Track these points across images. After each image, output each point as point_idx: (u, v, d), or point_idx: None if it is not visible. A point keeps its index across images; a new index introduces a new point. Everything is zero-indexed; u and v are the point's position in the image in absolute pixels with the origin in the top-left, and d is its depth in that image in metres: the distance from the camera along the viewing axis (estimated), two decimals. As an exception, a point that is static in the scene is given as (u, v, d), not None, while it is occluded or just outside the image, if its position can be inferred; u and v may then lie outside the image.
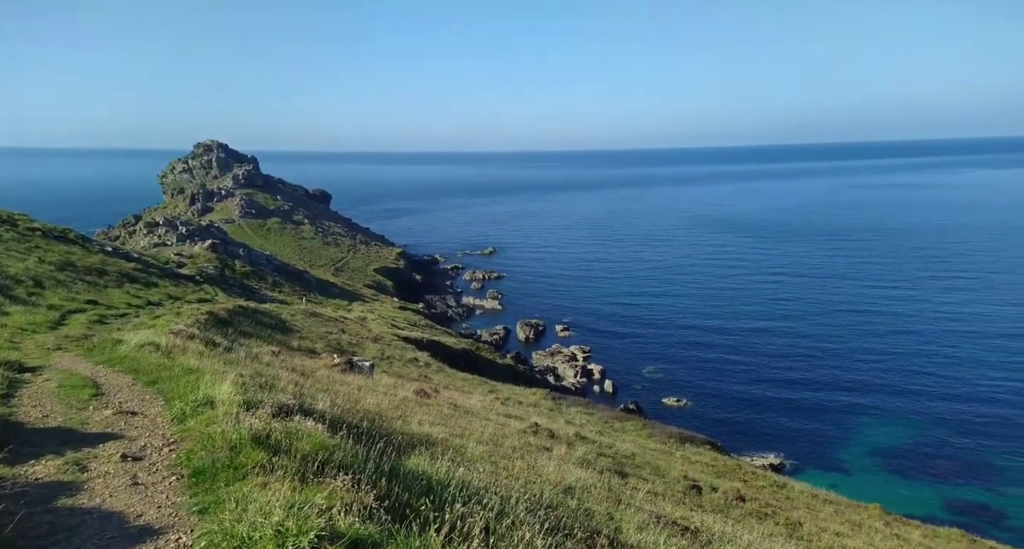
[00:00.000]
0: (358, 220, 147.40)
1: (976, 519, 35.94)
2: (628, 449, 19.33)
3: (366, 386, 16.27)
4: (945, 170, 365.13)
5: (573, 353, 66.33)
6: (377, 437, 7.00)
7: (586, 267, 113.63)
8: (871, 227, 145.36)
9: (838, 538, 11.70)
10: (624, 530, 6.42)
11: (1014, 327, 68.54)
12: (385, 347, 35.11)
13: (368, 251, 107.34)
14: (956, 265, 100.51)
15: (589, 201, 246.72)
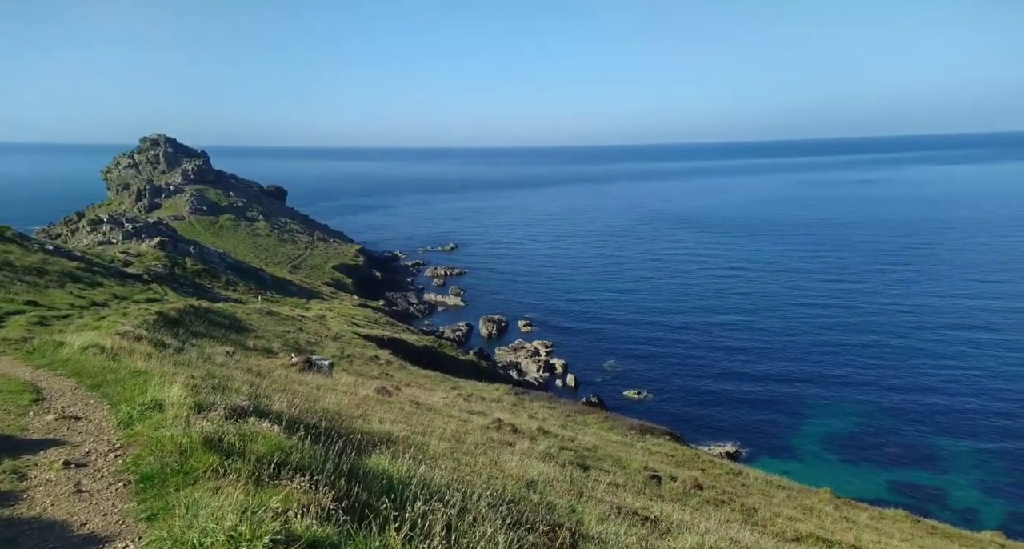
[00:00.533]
0: (316, 216, 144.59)
1: (919, 500, 37.75)
2: (590, 442, 19.55)
3: (325, 385, 15.98)
4: (893, 166, 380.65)
5: (536, 348, 66.68)
6: (336, 437, 6.87)
7: (548, 263, 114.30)
8: (822, 222, 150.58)
9: (791, 522, 12.11)
10: (586, 522, 6.47)
11: (956, 318, 72.10)
12: (345, 345, 34.56)
13: (327, 248, 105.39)
14: (902, 258, 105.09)
15: (551, 197, 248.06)
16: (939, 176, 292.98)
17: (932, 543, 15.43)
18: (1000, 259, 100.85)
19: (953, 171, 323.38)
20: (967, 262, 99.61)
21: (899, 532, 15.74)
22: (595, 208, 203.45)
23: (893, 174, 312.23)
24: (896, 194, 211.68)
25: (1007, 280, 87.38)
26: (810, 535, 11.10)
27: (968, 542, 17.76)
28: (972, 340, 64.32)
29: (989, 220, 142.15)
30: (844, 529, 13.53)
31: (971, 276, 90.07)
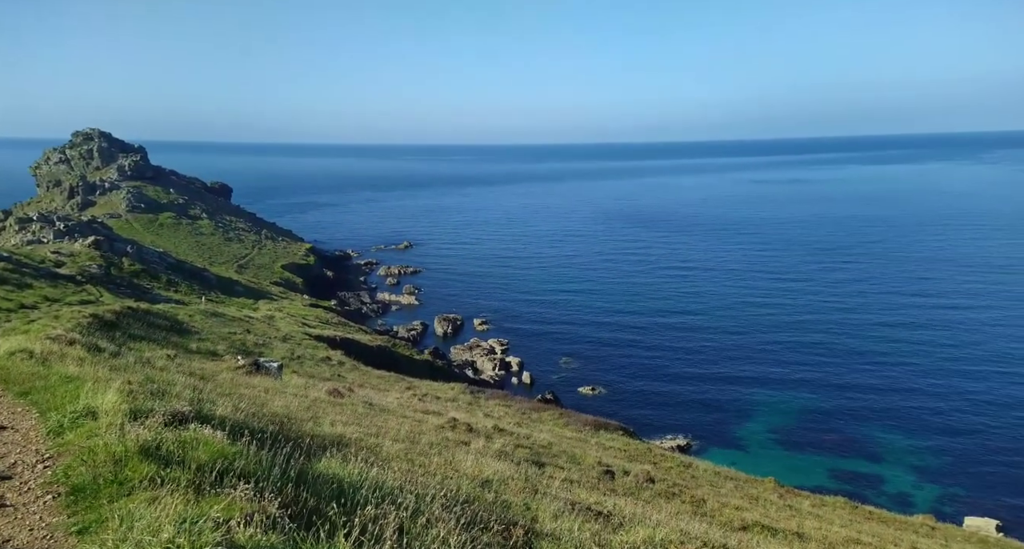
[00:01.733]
0: (263, 214, 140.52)
1: (858, 487, 39.62)
2: (545, 439, 19.66)
3: (274, 388, 15.52)
4: (835, 166, 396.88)
5: (491, 346, 66.68)
6: (284, 441, 6.66)
7: (504, 261, 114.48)
8: (765, 220, 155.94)
9: (738, 512, 12.50)
10: (540, 519, 6.48)
11: (892, 316, 75.87)
12: (295, 346, 33.70)
13: (275, 247, 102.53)
14: (841, 257, 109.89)
15: (505, 195, 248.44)
16: (874, 175, 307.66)
17: (869, 528, 16.20)
18: (932, 257, 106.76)
19: (888, 171, 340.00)
20: (901, 261, 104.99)
21: (839, 518, 16.46)
22: (550, 206, 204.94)
23: (834, 174, 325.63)
24: (834, 193, 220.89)
25: (938, 278, 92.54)
26: (756, 523, 11.48)
27: (902, 526, 18.73)
28: (906, 337, 67.79)
29: (918, 219, 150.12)
30: (788, 517, 14.04)
31: (905, 274, 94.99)
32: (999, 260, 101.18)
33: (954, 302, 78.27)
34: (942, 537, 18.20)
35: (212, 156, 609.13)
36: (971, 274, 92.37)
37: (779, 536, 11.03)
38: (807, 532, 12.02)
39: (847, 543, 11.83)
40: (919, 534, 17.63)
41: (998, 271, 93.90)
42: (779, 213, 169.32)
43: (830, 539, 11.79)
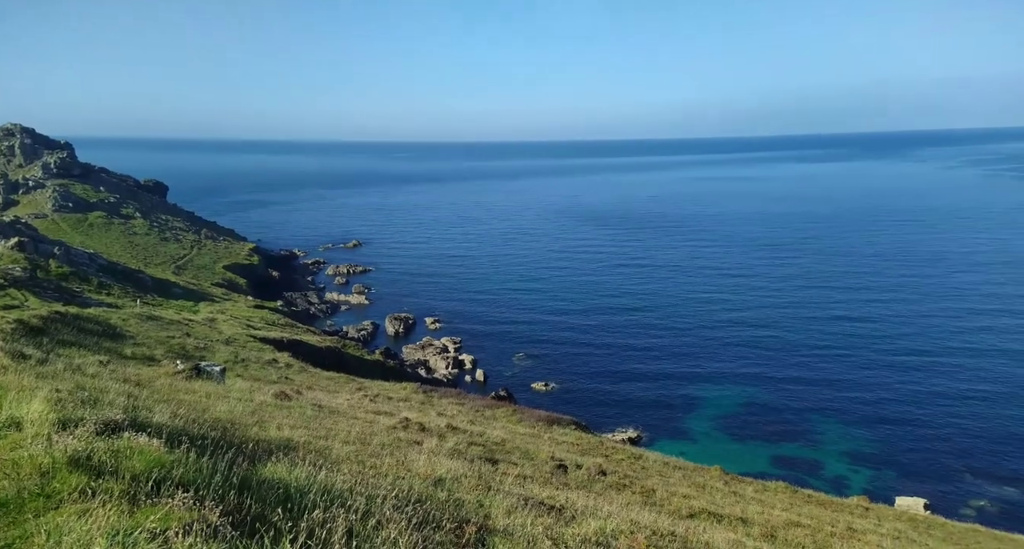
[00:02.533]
0: (202, 213, 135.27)
1: (797, 472, 41.39)
2: (499, 436, 19.69)
3: (216, 393, 14.96)
4: (768, 164, 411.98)
5: (444, 345, 66.30)
6: (227, 447, 6.43)
7: (456, 259, 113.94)
8: (708, 216, 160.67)
9: (685, 500, 12.86)
10: (493, 516, 6.49)
11: (829, 309, 79.49)
12: (239, 349, 32.60)
13: (216, 247, 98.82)
14: (782, 252, 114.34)
15: (457, 193, 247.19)
16: (812, 173, 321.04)
17: (808, 510, 16.96)
18: (864, 252, 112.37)
19: (824, 168, 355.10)
20: (836, 256, 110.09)
21: (780, 502, 17.17)
22: (501, 204, 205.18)
23: (764, 171, 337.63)
24: (773, 190, 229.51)
25: (870, 272, 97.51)
26: (702, 511, 11.84)
27: (838, 507, 19.70)
28: (841, 330, 71.09)
29: (851, 216, 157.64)
30: (732, 503, 14.54)
31: (839, 270, 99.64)
32: (925, 255, 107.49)
33: (886, 296, 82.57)
34: (875, 517, 19.22)
35: (146, 153, 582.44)
36: (900, 268, 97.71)
37: (724, 522, 11.41)
38: (751, 517, 12.48)
39: (788, 526, 12.35)
40: (854, 515, 18.58)
41: (925, 265, 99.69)
42: (723, 210, 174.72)
43: (772, 523, 12.29)
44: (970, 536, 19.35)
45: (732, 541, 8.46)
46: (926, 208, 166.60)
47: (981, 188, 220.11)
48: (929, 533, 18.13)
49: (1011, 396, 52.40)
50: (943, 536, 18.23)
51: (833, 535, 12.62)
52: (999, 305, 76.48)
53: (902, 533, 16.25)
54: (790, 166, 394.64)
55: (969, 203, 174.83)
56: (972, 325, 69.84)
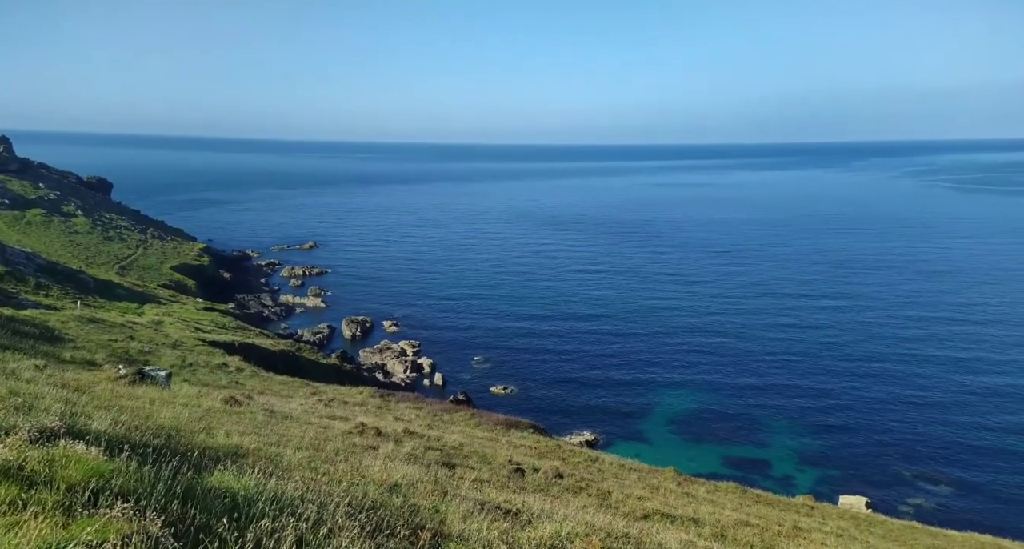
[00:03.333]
0: (149, 212, 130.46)
1: (747, 472, 42.53)
2: (456, 440, 19.57)
3: (161, 398, 14.39)
4: (718, 171, 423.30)
5: (402, 348, 65.59)
6: (171, 455, 6.19)
7: (415, 261, 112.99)
8: (664, 222, 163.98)
9: (640, 502, 13.06)
10: (449, 521, 6.44)
11: (779, 315, 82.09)
12: (187, 353, 31.48)
13: (163, 247, 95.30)
14: (735, 258, 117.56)
15: (417, 194, 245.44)
16: (760, 181, 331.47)
17: (757, 510, 17.44)
18: (811, 259, 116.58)
19: (770, 177, 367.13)
20: (784, 262, 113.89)
21: (730, 502, 17.61)
22: (461, 206, 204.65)
23: (715, 178, 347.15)
24: (729, 197, 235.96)
25: (816, 278, 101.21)
26: (656, 512, 12.04)
27: (785, 507, 20.33)
28: (791, 336, 73.52)
29: (800, 223, 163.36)
30: (685, 504, 14.84)
31: (788, 276, 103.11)
32: (869, 263, 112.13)
33: (832, 303, 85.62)
34: (820, 515, 19.92)
35: (89, 149, 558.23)
36: (847, 276, 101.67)
37: (677, 522, 11.63)
38: (702, 517, 12.76)
39: (737, 525, 12.68)
40: (800, 514, 19.21)
41: (870, 273, 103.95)
42: (678, 216, 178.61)
43: (722, 523, 12.59)
44: (908, 533, 20.26)
45: (684, 541, 8.63)
46: (869, 217, 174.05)
47: (920, 198, 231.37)
48: (870, 531, 18.89)
49: (948, 401, 55.09)
50: (883, 533, 19.03)
51: (780, 534, 13.02)
52: (940, 313, 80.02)
53: (845, 531, 16.89)
54: (743, 174, 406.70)
55: (910, 213, 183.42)
56: (914, 333, 72.98)
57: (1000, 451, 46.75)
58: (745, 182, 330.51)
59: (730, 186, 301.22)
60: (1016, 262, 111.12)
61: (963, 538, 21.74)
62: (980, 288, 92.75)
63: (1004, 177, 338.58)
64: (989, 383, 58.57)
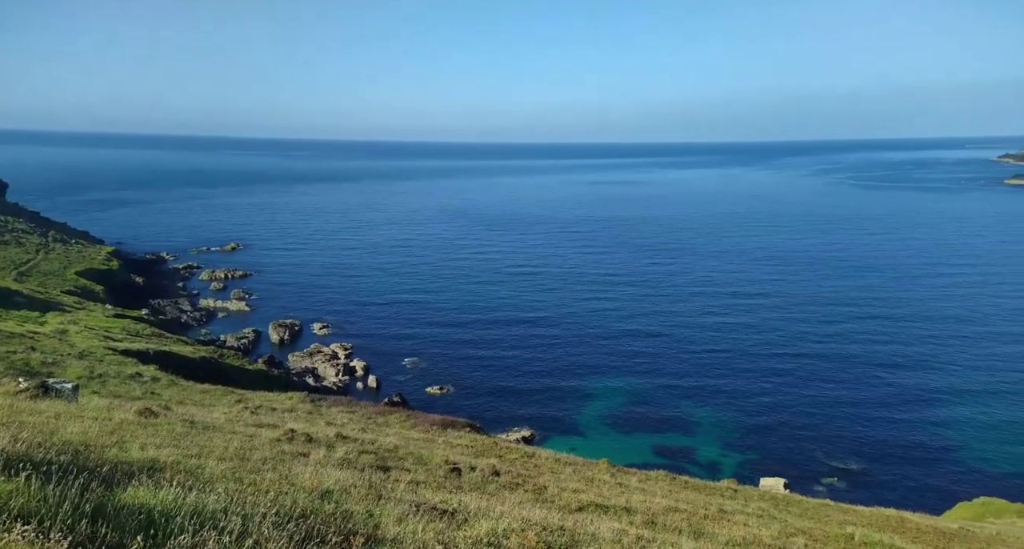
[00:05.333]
0: (50, 213, 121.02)
1: (676, 460, 44.23)
2: (392, 442, 19.26)
3: (68, 413, 13.36)
4: (649, 170, 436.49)
5: (334, 351, 63.91)
6: (79, 472, 5.77)
7: (345, 262, 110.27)
8: (599, 220, 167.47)
9: (575, 494, 13.32)
10: (383, 525, 6.34)
11: (703, 307, 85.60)
12: (96, 363, 29.42)
13: (67, 251, 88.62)
14: (661, 253, 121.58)
15: (343, 193, 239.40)
16: (677, 178, 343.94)
17: (685, 496, 18.17)
18: (731, 252, 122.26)
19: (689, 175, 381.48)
20: (707, 256, 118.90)
21: (661, 490, 18.25)
22: (392, 205, 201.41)
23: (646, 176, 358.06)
24: (655, 194, 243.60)
25: (738, 271, 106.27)
26: (590, 503, 12.32)
27: (711, 491, 21.28)
28: (713, 325, 77.01)
29: (720, 219, 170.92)
30: (618, 494, 15.27)
31: (711, 269, 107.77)
32: (788, 257, 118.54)
33: (753, 298, 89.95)
34: (743, 498, 20.98)
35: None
36: (768, 271, 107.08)
37: (610, 512, 11.95)
38: (634, 506, 13.17)
39: (667, 512, 13.17)
40: (724, 497, 20.16)
41: (789, 267, 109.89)
42: (609, 213, 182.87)
43: (653, 510, 13.04)
44: (821, 510, 21.66)
45: (616, 530, 8.87)
46: (783, 214, 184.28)
47: (829, 195, 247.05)
48: (787, 510, 20.07)
49: (858, 389, 59.03)
50: (799, 512, 20.26)
51: (707, 517, 13.62)
52: (853, 308, 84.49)
53: (765, 511, 17.86)
54: (670, 172, 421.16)
55: (824, 209, 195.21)
56: (829, 328, 76.74)
57: (902, 434, 50.76)
58: (671, 180, 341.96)
59: (657, 183, 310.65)
60: (925, 257, 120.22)
61: (870, 513, 23.47)
62: (891, 282, 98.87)
63: (903, 174, 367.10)
64: (895, 372, 63.38)
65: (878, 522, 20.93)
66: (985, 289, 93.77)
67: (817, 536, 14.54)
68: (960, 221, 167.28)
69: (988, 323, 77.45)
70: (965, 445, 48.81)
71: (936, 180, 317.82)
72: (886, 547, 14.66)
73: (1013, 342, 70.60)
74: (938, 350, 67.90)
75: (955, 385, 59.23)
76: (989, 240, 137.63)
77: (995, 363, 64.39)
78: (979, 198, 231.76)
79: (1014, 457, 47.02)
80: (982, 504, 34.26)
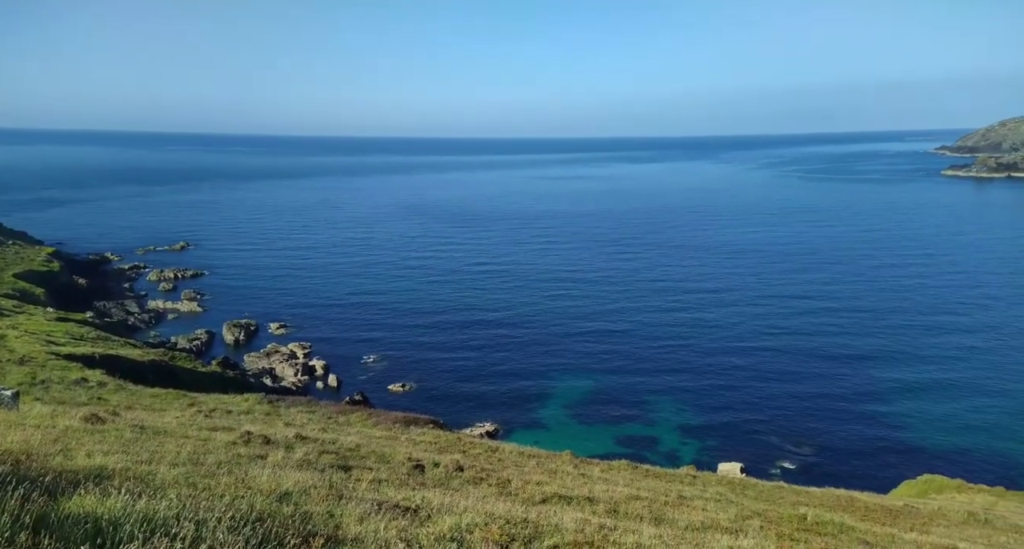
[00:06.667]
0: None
1: (637, 449, 45.06)
2: (353, 441, 18.99)
3: (8, 421, 12.71)
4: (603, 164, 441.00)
5: (292, 351, 62.61)
6: (18, 482, 5.49)
7: (298, 259, 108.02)
8: (557, 214, 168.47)
9: (539, 487, 13.42)
10: (344, 525, 6.24)
11: (663, 300, 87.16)
12: (37, 369, 28.04)
13: (3, 252, 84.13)
14: (621, 247, 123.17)
15: (299, 190, 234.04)
16: (631, 172, 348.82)
17: (647, 484, 18.53)
18: (688, 245, 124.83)
19: (643, 169, 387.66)
20: (667, 249, 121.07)
21: (623, 479, 18.56)
22: (347, 201, 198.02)
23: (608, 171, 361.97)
24: (610, 188, 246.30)
25: (698, 264, 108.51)
26: (554, 495, 12.43)
27: (671, 478, 21.76)
28: (675, 320, 78.46)
29: (681, 212, 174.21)
30: (581, 484, 15.45)
31: (672, 262, 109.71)
32: (743, 248, 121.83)
33: (710, 289, 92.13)
34: (701, 483, 21.52)
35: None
36: (724, 262, 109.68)
37: (573, 503, 12.08)
38: (596, 495, 13.35)
39: (629, 500, 13.40)
40: (684, 483, 20.65)
41: (744, 258, 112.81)
42: (568, 208, 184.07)
43: (615, 499, 13.25)
44: (776, 493, 22.42)
45: (579, 520, 8.97)
46: (739, 206, 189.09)
47: (778, 187, 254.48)
48: (744, 493, 20.70)
49: (809, 377, 61.21)
50: (755, 495, 20.92)
51: (667, 504, 13.92)
52: (803, 301, 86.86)
53: (723, 496, 18.37)
54: (623, 166, 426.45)
55: (775, 201, 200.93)
56: (781, 320, 79.01)
57: (850, 419, 52.87)
58: (625, 174, 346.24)
59: (612, 178, 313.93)
60: (868, 245, 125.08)
61: (822, 493, 24.43)
62: (840, 274, 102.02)
63: (847, 167, 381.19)
64: (842, 361, 65.80)
65: (829, 502, 21.80)
66: (924, 280, 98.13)
67: (772, 518, 15.04)
68: (903, 212, 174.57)
69: (929, 312, 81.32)
70: (908, 427, 51.27)
71: (877, 172, 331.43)
72: (837, 525, 15.27)
73: (954, 331, 74.27)
74: (884, 340, 70.89)
75: (899, 372, 62.09)
76: (935, 231, 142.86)
77: (936, 351, 67.70)
78: (921, 189, 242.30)
79: (953, 437, 49.65)
80: (925, 482, 36.05)
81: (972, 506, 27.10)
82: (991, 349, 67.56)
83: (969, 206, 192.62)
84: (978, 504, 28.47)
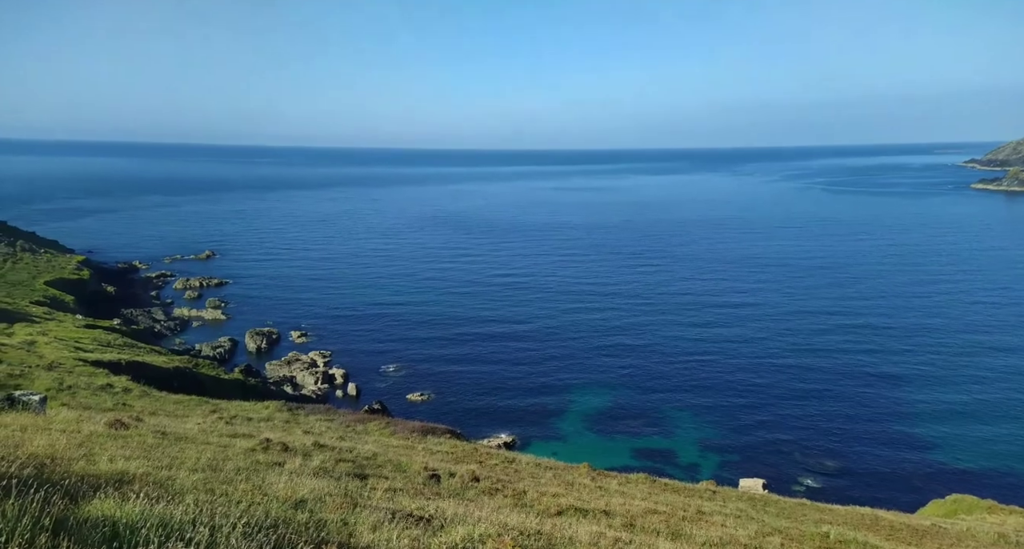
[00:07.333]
0: (17, 222, 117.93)
1: (656, 463, 44.45)
2: (370, 450, 19.06)
3: (35, 425, 13.00)
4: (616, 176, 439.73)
5: (313, 359, 63.17)
6: (42, 485, 5.62)
7: (320, 268, 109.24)
8: (576, 226, 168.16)
9: (555, 498, 13.32)
10: (358, 533, 6.27)
11: (684, 314, 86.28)
12: (65, 375, 28.68)
13: (35, 260, 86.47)
14: (640, 259, 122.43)
15: (317, 200, 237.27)
16: (653, 183, 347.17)
17: (664, 498, 18.28)
18: (713, 257, 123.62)
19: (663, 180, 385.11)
20: (689, 261, 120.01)
21: (640, 492, 18.33)
22: (367, 211, 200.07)
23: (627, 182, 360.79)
24: (629, 200, 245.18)
25: (719, 276, 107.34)
26: (570, 507, 12.33)
27: (690, 493, 21.43)
28: (697, 334, 77.60)
29: (702, 225, 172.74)
30: (598, 497, 15.30)
31: (695, 275, 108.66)
32: (767, 261, 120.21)
33: (733, 301, 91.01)
34: (721, 499, 21.15)
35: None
36: (746, 275, 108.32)
37: (589, 516, 11.97)
38: (613, 509, 13.21)
39: (646, 514, 13.23)
40: (703, 498, 20.32)
41: (767, 271, 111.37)
42: (586, 219, 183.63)
43: (632, 512, 13.09)
44: (798, 510, 21.94)
45: (594, 533, 8.88)
46: (763, 218, 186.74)
47: (803, 200, 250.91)
48: (765, 510, 20.29)
49: (834, 392, 59.84)
50: (776, 511, 20.48)
51: (685, 519, 13.71)
52: (829, 316, 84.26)
53: (743, 512, 18.03)
54: (634, 178, 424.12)
55: (799, 214, 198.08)
56: (807, 335, 77.12)
57: (877, 435, 51.60)
58: (637, 185, 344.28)
59: (626, 189, 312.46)
60: (897, 259, 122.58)
61: (846, 511, 23.83)
62: (869, 288, 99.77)
63: (872, 179, 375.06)
64: (870, 376, 64.37)
65: (853, 521, 21.26)
66: (957, 296, 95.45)
67: (793, 535, 14.71)
68: (933, 225, 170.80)
69: (961, 330, 79.23)
70: (937, 445, 49.86)
71: (905, 185, 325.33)
72: (860, 545, 14.88)
73: (987, 350, 72.07)
74: (913, 359, 69.12)
75: (929, 392, 60.44)
76: (967, 246, 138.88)
77: (967, 371, 65.77)
78: (950, 202, 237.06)
79: (984, 456, 48.14)
80: (954, 501, 34.98)
81: (1003, 528, 26.19)
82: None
83: (1001, 220, 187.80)
84: (1010, 526, 27.50)
